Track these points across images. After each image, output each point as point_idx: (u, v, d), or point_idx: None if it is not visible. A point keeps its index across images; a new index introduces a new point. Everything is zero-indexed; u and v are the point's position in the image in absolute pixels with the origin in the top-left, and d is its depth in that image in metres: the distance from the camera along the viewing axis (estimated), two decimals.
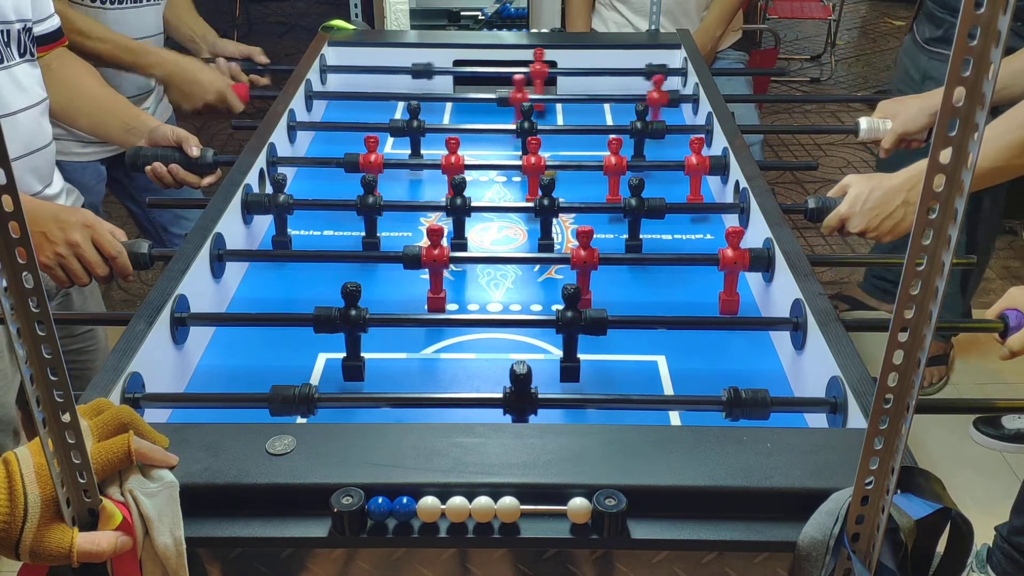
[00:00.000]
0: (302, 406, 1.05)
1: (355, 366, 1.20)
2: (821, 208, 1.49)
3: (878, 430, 0.74)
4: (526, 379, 1.04)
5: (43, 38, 1.56)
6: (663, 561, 0.87)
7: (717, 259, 1.34)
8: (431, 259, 1.32)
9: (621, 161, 1.65)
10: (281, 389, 1.05)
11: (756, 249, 1.35)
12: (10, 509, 0.75)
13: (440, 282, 1.36)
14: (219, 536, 0.86)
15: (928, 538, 0.81)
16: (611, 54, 2.18)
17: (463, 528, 0.85)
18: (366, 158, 1.65)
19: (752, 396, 1.05)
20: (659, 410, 1.13)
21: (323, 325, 1.17)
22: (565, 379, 1.20)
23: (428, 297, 1.36)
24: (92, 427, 0.81)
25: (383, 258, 1.45)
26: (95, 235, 1.31)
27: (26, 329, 0.70)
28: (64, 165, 1.95)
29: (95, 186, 2.07)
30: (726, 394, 1.05)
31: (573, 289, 1.17)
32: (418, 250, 1.33)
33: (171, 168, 1.61)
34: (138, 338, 1.10)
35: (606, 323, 1.18)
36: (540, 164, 1.64)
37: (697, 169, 1.66)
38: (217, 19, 5.89)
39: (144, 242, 1.36)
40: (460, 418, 1.09)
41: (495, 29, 2.70)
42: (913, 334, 0.70)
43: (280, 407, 1.05)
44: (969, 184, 0.65)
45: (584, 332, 1.18)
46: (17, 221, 0.66)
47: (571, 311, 1.17)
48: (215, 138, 4.30)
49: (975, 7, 0.60)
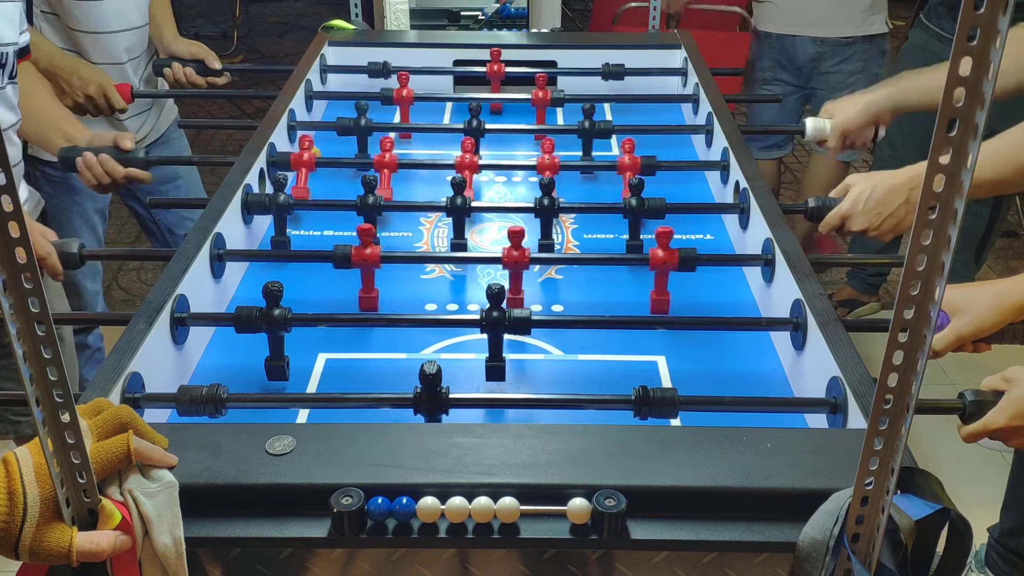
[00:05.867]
0: (209, 406, 1.05)
1: (278, 366, 1.20)
2: (821, 208, 1.49)
3: (878, 430, 0.74)
4: (435, 379, 1.04)
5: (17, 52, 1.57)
6: (663, 561, 0.87)
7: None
8: (361, 259, 1.33)
9: (635, 161, 1.64)
10: (189, 390, 1.06)
11: (685, 249, 1.34)
12: (10, 509, 0.75)
13: (371, 280, 1.36)
14: (219, 536, 0.86)
15: (928, 538, 0.81)
16: (611, 54, 2.18)
17: (463, 528, 0.85)
18: (380, 158, 1.65)
19: (661, 395, 1.05)
20: (573, 409, 1.13)
21: (244, 325, 1.18)
22: (491, 378, 1.20)
23: (360, 296, 1.37)
24: (92, 427, 0.82)
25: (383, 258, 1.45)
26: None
27: (25, 329, 0.70)
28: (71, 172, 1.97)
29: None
30: (635, 393, 1.05)
31: (498, 288, 1.17)
32: (348, 250, 1.33)
33: (100, 157, 1.66)
34: (138, 338, 1.10)
35: (530, 323, 1.18)
36: (555, 164, 1.64)
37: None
38: (217, 19, 5.90)
39: (75, 241, 1.37)
40: (371, 418, 1.09)
41: (495, 29, 2.70)
42: (913, 334, 0.70)
43: (187, 407, 1.06)
44: (969, 184, 0.65)
45: (508, 331, 1.18)
46: (17, 221, 0.66)
47: (496, 311, 1.17)
48: (214, 138, 4.31)
49: (975, 7, 0.60)
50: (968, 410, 1.04)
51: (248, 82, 4.73)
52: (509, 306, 1.20)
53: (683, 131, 1.94)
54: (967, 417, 1.05)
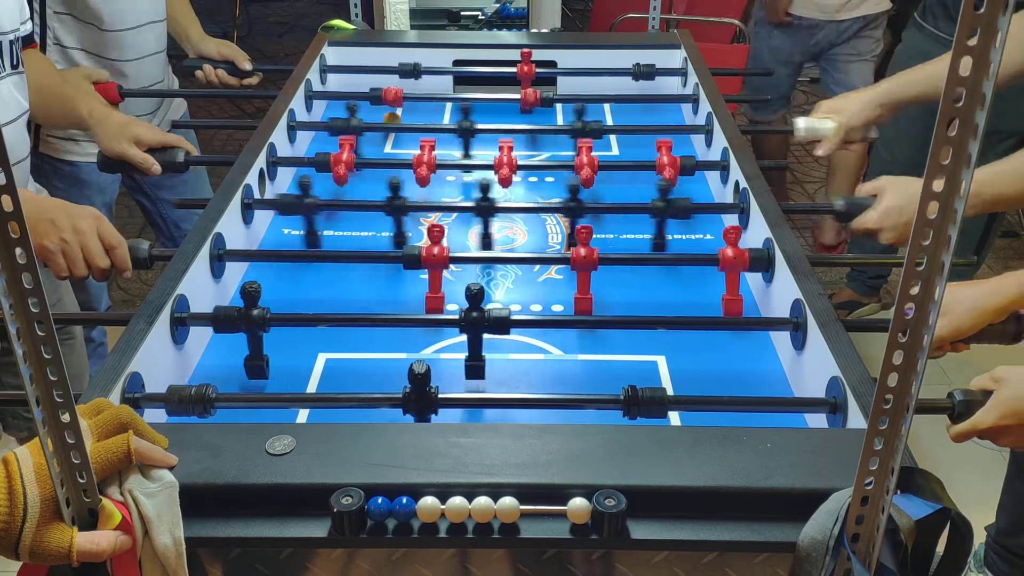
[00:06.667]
0: (198, 406, 1.05)
1: (258, 365, 1.20)
2: (849, 209, 1.46)
3: (878, 430, 0.74)
4: (424, 378, 1.04)
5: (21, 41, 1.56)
6: (663, 561, 0.87)
7: (717, 259, 1.34)
8: (430, 259, 1.32)
9: (675, 162, 1.63)
10: (178, 389, 1.06)
11: (756, 249, 1.34)
12: (10, 509, 0.75)
13: (439, 282, 1.35)
14: (219, 536, 0.86)
15: (928, 538, 0.81)
16: (611, 54, 2.18)
17: (463, 528, 0.85)
18: (419, 158, 1.63)
19: (650, 395, 1.05)
20: (562, 409, 1.13)
21: (223, 325, 1.18)
22: (470, 377, 1.20)
23: (427, 297, 1.35)
24: (92, 427, 0.82)
25: (383, 258, 1.45)
26: (101, 225, 1.32)
27: (25, 329, 0.70)
28: (81, 166, 1.97)
29: (109, 186, 2.08)
30: (624, 393, 1.05)
31: (478, 288, 1.17)
32: (418, 250, 1.33)
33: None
34: (138, 338, 1.10)
35: (509, 323, 1.19)
36: (594, 163, 1.62)
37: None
38: (217, 19, 5.89)
39: (144, 242, 1.36)
40: (372, 418, 1.09)
41: (495, 29, 2.70)
42: (913, 334, 0.70)
43: (177, 407, 1.06)
44: (969, 185, 0.65)
45: (488, 331, 1.18)
46: (17, 221, 0.66)
47: (475, 311, 1.17)
48: (214, 139, 4.31)
49: (975, 7, 0.60)
50: (957, 410, 1.04)
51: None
52: (577, 307, 1.17)
53: (683, 131, 1.94)
54: (956, 417, 1.05)
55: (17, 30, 1.50)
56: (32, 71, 1.60)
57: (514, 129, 1.85)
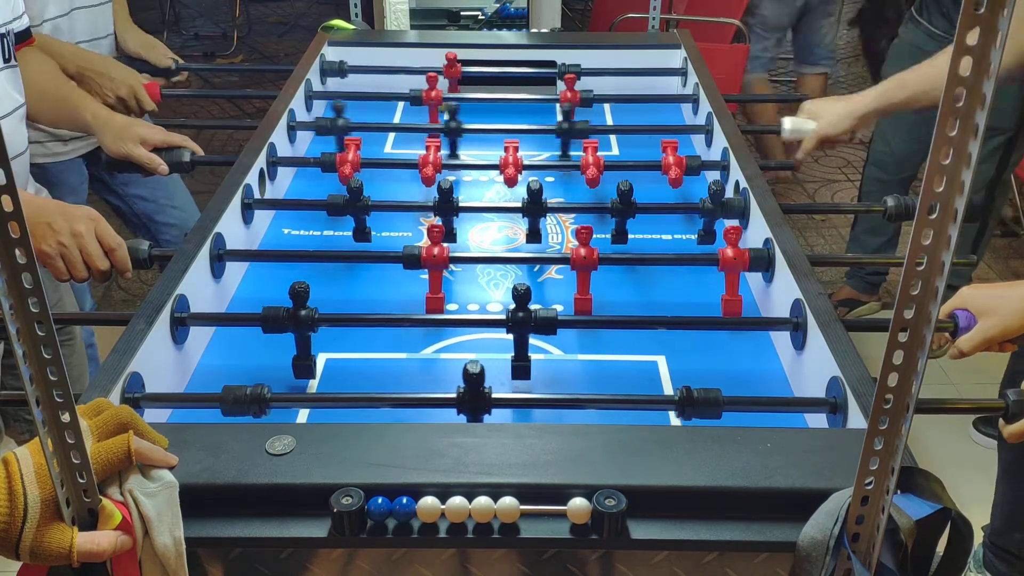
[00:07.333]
0: (253, 406, 1.05)
1: (306, 364, 1.20)
2: (899, 208, 1.47)
3: (878, 430, 0.74)
4: (479, 379, 1.04)
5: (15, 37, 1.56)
6: (663, 561, 0.87)
7: (717, 259, 1.34)
8: (430, 259, 1.32)
9: (681, 162, 1.63)
10: (233, 389, 1.06)
11: (756, 249, 1.34)
12: (10, 509, 0.75)
13: (439, 282, 1.35)
14: (219, 536, 0.86)
15: (928, 538, 0.81)
16: (612, 54, 2.18)
17: (463, 528, 0.85)
18: (425, 158, 1.62)
19: (704, 396, 1.05)
20: (611, 409, 1.13)
21: (271, 325, 1.18)
22: (516, 377, 1.20)
23: (427, 298, 1.35)
24: (92, 427, 0.82)
25: (382, 258, 1.45)
26: (99, 227, 1.32)
27: (25, 329, 0.70)
28: (49, 168, 1.95)
29: (79, 186, 2.07)
30: (679, 393, 1.05)
31: (524, 289, 1.17)
32: (418, 250, 1.32)
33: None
34: (138, 338, 1.10)
35: (556, 323, 1.18)
36: (599, 163, 1.62)
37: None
38: (217, 19, 5.90)
39: (144, 242, 1.36)
40: (415, 419, 1.09)
41: (495, 29, 2.70)
42: (913, 334, 0.70)
43: (232, 407, 1.05)
44: (969, 185, 0.65)
45: (534, 332, 1.18)
46: (17, 221, 0.66)
47: (521, 311, 1.17)
48: (214, 139, 4.30)
49: (975, 7, 0.60)
50: (1012, 410, 1.04)
51: (248, 82, 4.73)
52: (577, 307, 1.17)
53: (683, 131, 1.94)
54: (1011, 417, 1.05)
55: (10, 24, 1.49)
56: (33, 73, 1.60)
57: (508, 129, 1.84)
